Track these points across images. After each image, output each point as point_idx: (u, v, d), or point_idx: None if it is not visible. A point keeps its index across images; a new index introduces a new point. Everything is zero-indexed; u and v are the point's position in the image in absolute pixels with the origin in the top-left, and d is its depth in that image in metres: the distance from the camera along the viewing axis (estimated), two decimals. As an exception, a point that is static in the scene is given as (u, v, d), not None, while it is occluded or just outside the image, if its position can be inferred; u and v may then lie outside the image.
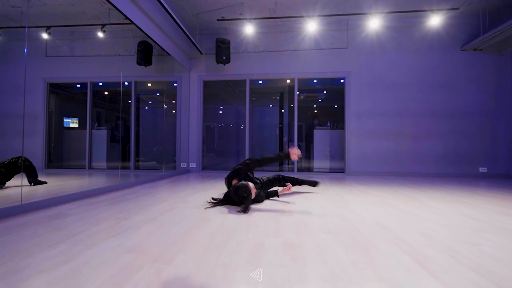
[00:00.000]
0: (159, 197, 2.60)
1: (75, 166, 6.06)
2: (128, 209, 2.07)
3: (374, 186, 3.60)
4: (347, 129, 5.20)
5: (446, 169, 4.94)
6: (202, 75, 5.54)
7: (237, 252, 1.21)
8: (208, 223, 1.68)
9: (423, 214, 1.99)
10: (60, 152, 6.23)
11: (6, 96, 5.30)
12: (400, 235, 1.47)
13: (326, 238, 1.41)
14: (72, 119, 6.23)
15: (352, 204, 2.36)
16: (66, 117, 6.16)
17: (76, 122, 6.26)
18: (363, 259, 1.15)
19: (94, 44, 5.76)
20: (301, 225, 1.66)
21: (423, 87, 5.03)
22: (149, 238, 1.39)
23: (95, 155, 6.27)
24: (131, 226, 1.61)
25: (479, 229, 1.61)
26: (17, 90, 5.83)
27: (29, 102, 5.64)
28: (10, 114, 5.11)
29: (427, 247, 1.30)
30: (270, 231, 1.54)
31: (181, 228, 1.57)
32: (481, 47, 4.87)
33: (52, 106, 6.05)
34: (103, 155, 6.35)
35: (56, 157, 6.14)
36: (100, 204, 2.26)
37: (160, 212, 1.96)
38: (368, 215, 1.93)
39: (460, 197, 2.73)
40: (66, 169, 6.02)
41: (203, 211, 2.03)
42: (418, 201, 2.51)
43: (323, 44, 5.22)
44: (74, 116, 6.27)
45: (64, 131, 6.14)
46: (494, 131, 4.88)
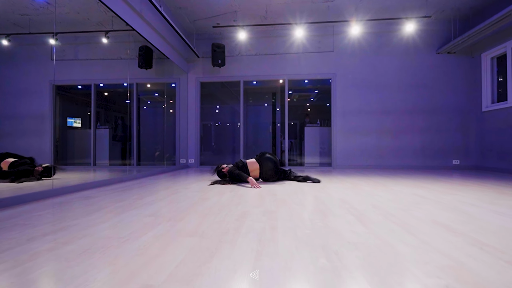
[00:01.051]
0: (164, 185, 3.03)
1: (79, 163, 6.45)
2: (140, 193, 2.50)
3: (354, 176, 4.06)
4: (334, 126, 5.66)
5: (423, 162, 5.42)
6: (199, 77, 5.96)
7: (229, 216, 1.65)
8: (207, 201, 2.12)
9: (382, 194, 2.44)
10: (64, 151, 6.62)
11: (17, 98, 5.69)
12: (354, 206, 1.92)
13: (296, 208, 1.86)
14: (75, 119, 6.60)
15: (328, 188, 2.81)
16: (70, 117, 6.53)
17: (79, 122, 6.64)
18: (319, 218, 1.59)
19: (98, 49, 6.14)
20: (280, 201, 2.11)
21: (402, 87, 5.50)
22: (162, 209, 1.82)
23: (98, 153, 6.66)
24: (146, 203, 2.04)
25: (419, 202, 2.07)
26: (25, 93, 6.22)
27: (37, 104, 6.02)
28: (18, 115, 5.52)
29: (370, 212, 1.75)
30: (255, 204, 1.98)
31: (186, 204, 2.00)
32: (454, 51, 5.34)
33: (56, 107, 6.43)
34: (105, 153, 6.74)
35: (61, 155, 6.53)
36: (115, 190, 2.69)
37: (167, 194, 2.39)
38: (337, 195, 2.38)
39: (421, 183, 3.20)
40: (72, 166, 6.41)
41: (203, 193, 2.46)
42: (384, 186, 2.97)
43: (311, 48, 5.66)
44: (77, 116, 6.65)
45: (68, 130, 6.52)
46: (466, 127, 5.37)
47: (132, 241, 1.21)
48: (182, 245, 1.16)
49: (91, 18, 5.44)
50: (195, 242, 1.19)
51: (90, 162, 6.14)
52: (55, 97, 6.32)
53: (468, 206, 1.92)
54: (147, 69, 5.65)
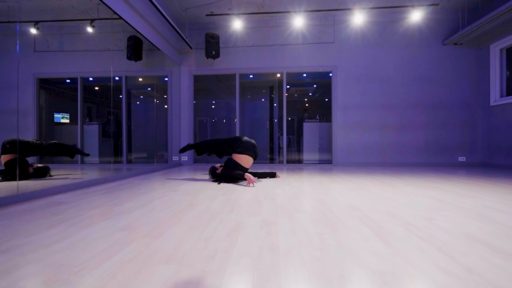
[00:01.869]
0: (150, 187, 2.73)
1: (67, 161, 6.10)
2: (121, 197, 2.20)
3: (357, 175, 3.79)
4: (334, 121, 5.38)
5: (428, 159, 5.17)
6: (193, 69, 5.63)
7: (219, 229, 1.36)
8: (196, 208, 1.83)
9: (394, 197, 2.17)
10: (51, 148, 6.23)
11: (-4, 92, 5.31)
12: (367, 214, 1.65)
13: (300, 217, 1.57)
14: (63, 115, 6.24)
15: (332, 190, 2.53)
16: (57, 112, 6.17)
17: (67, 118, 6.27)
18: (329, 232, 1.31)
19: (84, 39, 5.77)
20: (280, 208, 1.82)
21: (406, 80, 5.22)
22: (140, 220, 1.53)
23: (86, 150, 6.32)
24: (123, 210, 1.74)
25: (439, 208, 1.80)
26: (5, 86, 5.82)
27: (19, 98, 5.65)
28: (0, 110, 5.14)
29: (388, 222, 1.47)
30: (251, 212, 1.69)
31: (170, 212, 1.71)
32: (461, 42, 5.07)
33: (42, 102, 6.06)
34: (95, 150, 6.40)
35: (48, 153, 6.16)
36: (94, 193, 2.38)
37: (151, 199, 2.10)
38: (344, 199, 2.11)
39: (433, 183, 2.93)
40: (58, 164, 6.07)
41: (192, 197, 2.17)
42: (393, 187, 2.70)
43: (310, 38, 5.35)
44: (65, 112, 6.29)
45: (55, 126, 6.16)
46: (473, 122, 5.12)
47: (87, 271, 0.92)
48: (153, 277, 0.87)
49: (75, 5, 5.07)
50: (171, 272, 0.91)
51: (77, 160, 5.80)
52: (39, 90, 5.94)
53: (497, 213, 1.66)
54: (136, 61, 5.31)
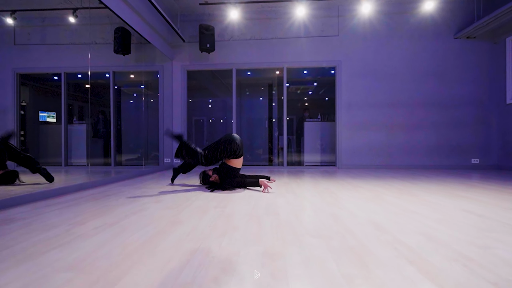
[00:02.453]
0: (131, 195, 2.34)
1: (52, 163, 5.67)
2: (88, 211, 1.80)
3: (366, 179, 3.42)
4: (338, 121, 5.00)
5: (439, 161, 4.82)
6: (186, 64, 5.23)
7: (204, 268, 0.97)
8: (178, 228, 1.44)
9: (421, 210, 1.79)
10: (36, 149, 5.83)
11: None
12: (399, 237, 1.27)
13: (315, 244, 1.19)
14: (49, 113, 5.81)
15: (343, 200, 2.15)
16: (42, 111, 5.75)
17: (53, 117, 5.83)
18: (358, 272, 0.93)
19: (68, 32, 5.34)
20: (286, 228, 1.44)
21: (415, 76, 4.87)
22: (99, 250, 1.13)
23: (74, 151, 5.89)
24: (83, 233, 1.35)
25: (487, 228, 1.42)
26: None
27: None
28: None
29: (432, 253, 1.09)
30: (249, 236, 1.31)
31: (144, 235, 1.32)
32: (474, 35, 4.72)
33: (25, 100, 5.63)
34: (83, 151, 5.98)
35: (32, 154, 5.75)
36: (60, 205, 1.99)
37: (125, 215, 1.70)
38: (362, 213, 1.73)
39: (456, 190, 2.57)
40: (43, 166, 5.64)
41: (177, 211, 1.78)
42: (413, 196, 2.33)
43: (313, 31, 4.97)
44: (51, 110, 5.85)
45: (40, 126, 5.73)
46: (487, 121, 4.77)
47: None
48: None
49: (56, -6, 4.65)
50: None
51: (61, 162, 5.38)
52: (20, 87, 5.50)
53: None
54: (124, 54, 4.89)
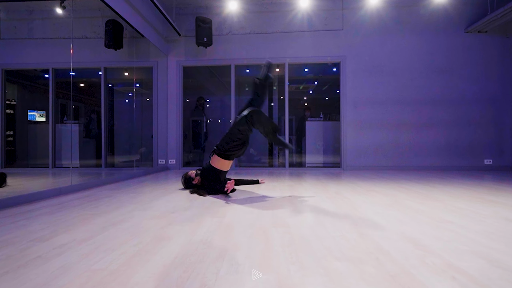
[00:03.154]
0: (115, 203, 2.03)
1: (42, 164, 5.35)
2: (58, 223, 1.49)
3: (377, 182, 3.13)
4: (343, 119, 4.72)
5: (449, 162, 4.55)
6: (181, 60, 4.93)
7: None
8: (165, 245, 1.14)
9: (458, 221, 1.51)
10: (24, 149, 5.50)
11: None
12: (452, 261, 0.97)
13: (344, 273, 0.89)
14: (38, 112, 5.49)
15: (360, 207, 1.86)
16: (31, 110, 5.43)
17: (43, 116, 5.51)
18: (420, 324, 0.63)
19: (56, 25, 5.03)
20: (301, 245, 1.14)
21: (424, 72, 4.60)
22: (52, 283, 0.83)
23: (64, 152, 5.56)
24: (40, 255, 1.04)
25: (552, 245, 1.14)
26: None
27: (-21, 92, 4.90)
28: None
29: (502, 283, 0.80)
30: (254, 258, 1.01)
31: (120, 256, 1.02)
32: (486, 29, 4.47)
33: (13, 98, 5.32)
34: (74, 152, 5.67)
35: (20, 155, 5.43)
36: (28, 214, 1.68)
37: (103, 226, 1.40)
38: (390, 225, 1.43)
39: (484, 195, 2.29)
40: (32, 168, 5.33)
41: (166, 222, 1.48)
42: (438, 201, 2.04)
43: (315, 25, 4.70)
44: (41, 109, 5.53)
45: (29, 125, 5.41)
46: (499, 120, 4.52)
47: None
48: None
49: (43, -16, 4.35)
50: None
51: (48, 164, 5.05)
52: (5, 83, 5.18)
53: None
54: (116, 49, 4.59)
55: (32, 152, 5.53)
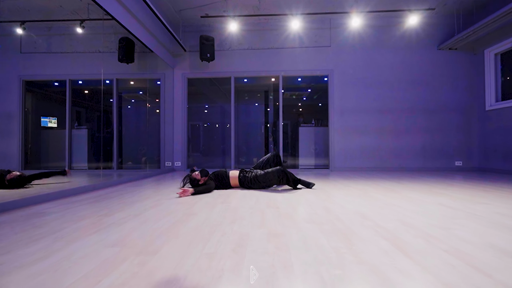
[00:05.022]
0: (143, 195, 2.57)
1: (54, 167, 5.84)
2: (111, 206, 2.03)
3: (356, 180, 3.70)
4: (331, 126, 5.31)
5: (425, 163, 5.14)
6: (186, 72, 5.49)
7: (222, 243, 1.22)
8: (194, 218, 1.68)
9: (402, 204, 2.07)
10: (38, 153, 6.00)
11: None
12: (380, 223, 1.53)
13: (310, 228, 1.45)
14: (50, 119, 5.99)
15: (335, 197, 2.42)
16: (44, 116, 5.93)
17: (54, 122, 6.02)
18: (344, 245, 1.19)
19: (73, 40, 5.57)
20: (286, 217, 1.69)
21: (402, 84, 5.21)
22: (133, 233, 1.37)
23: (75, 155, 6.07)
24: (114, 222, 1.58)
25: (453, 216, 1.70)
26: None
27: (3, 101, 5.40)
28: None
29: (404, 233, 1.36)
30: (255, 223, 1.56)
31: (166, 223, 1.56)
32: (456, 47, 5.10)
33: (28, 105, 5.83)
34: (83, 155, 6.16)
35: (34, 158, 5.91)
36: (82, 202, 2.21)
37: (144, 209, 1.94)
38: (350, 206, 1.99)
39: (436, 189, 2.86)
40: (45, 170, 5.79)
41: (189, 206, 2.02)
42: (397, 193, 2.61)
43: (307, 42, 5.29)
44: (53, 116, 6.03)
45: (42, 131, 5.91)
46: (469, 126, 5.13)
47: (71, 301, 0.77)
48: (151, 308, 0.73)
49: (64, 5, 4.88)
50: (172, 300, 0.76)
51: (65, 166, 5.54)
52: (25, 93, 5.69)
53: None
54: (128, 63, 5.14)
55: (44, 156, 6.02)
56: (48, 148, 6.12)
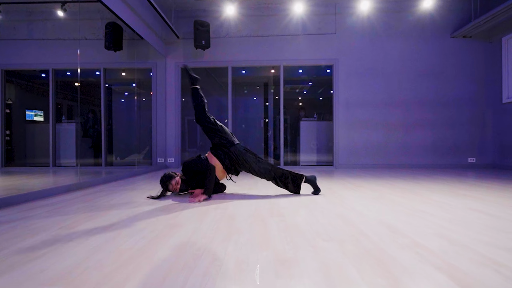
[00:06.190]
0: (124, 197, 2.20)
1: (40, 163, 5.44)
2: (79, 214, 1.67)
3: (366, 179, 3.36)
4: (336, 119, 4.94)
5: (436, 160, 4.81)
6: (180, 62, 5.09)
7: (211, 277, 0.86)
8: (176, 233, 1.32)
9: (429, 210, 1.72)
10: (23, 148, 5.59)
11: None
12: (418, 240, 1.18)
13: (328, 248, 1.09)
14: (36, 112, 5.58)
15: (348, 200, 2.07)
16: (29, 109, 5.52)
17: (41, 115, 5.60)
18: (385, 282, 0.83)
19: (56, 26, 5.13)
20: (294, 230, 1.34)
21: (412, 75, 4.85)
22: (91, 259, 1.01)
23: (63, 151, 5.67)
24: (72, 239, 1.22)
25: (501, 228, 1.36)
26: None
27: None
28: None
29: (457, 257, 1.01)
30: (256, 239, 1.20)
31: (141, 240, 1.20)
32: (470, 34, 4.73)
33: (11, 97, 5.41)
34: (72, 151, 5.76)
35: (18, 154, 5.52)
36: (45, 209, 1.84)
37: (119, 217, 1.58)
38: (371, 214, 1.64)
39: (459, 189, 2.52)
40: (30, 167, 5.41)
41: (174, 213, 1.66)
42: (417, 194, 2.27)
43: (310, 29, 4.90)
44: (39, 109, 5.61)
45: (27, 125, 5.49)
46: (482, 120, 4.79)
47: None
48: None
49: (44, -14, 4.45)
50: None
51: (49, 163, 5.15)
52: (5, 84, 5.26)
53: None
54: (115, 51, 4.73)
55: (30, 151, 5.62)
56: (34, 143, 5.71)
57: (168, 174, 2.20)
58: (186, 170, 2.23)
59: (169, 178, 2.17)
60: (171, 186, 2.15)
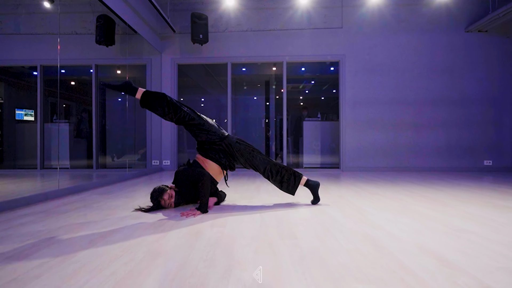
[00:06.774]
0: (105, 208, 1.89)
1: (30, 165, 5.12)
2: (43, 233, 1.35)
3: (379, 184, 3.04)
4: (342, 119, 4.63)
5: (449, 163, 4.50)
6: (177, 57, 4.77)
7: None
8: (160, 263, 1.01)
9: (476, 229, 1.41)
10: (12, 149, 5.28)
11: None
12: (485, 281, 0.87)
13: (367, 297, 0.78)
14: (26, 111, 5.27)
15: (368, 213, 1.76)
16: (19, 108, 5.21)
17: (31, 115, 5.28)
18: None
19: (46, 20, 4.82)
20: (314, 262, 1.02)
21: (424, 72, 4.54)
22: (25, 317, 0.69)
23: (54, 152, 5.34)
24: (14, 278, 0.90)
25: None
26: None
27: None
28: None
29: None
30: (264, 279, 0.89)
31: (109, 278, 0.89)
32: (486, 28, 4.42)
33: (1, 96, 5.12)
34: (65, 152, 5.45)
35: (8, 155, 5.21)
36: (9, 223, 1.52)
37: (90, 240, 1.26)
38: (404, 234, 1.33)
39: (494, 199, 2.20)
40: (19, 170, 5.10)
41: (159, 235, 1.34)
42: (448, 206, 1.95)
43: (315, 23, 4.59)
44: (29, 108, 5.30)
45: (16, 124, 5.18)
46: (499, 120, 4.48)
47: None
48: None
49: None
50: None
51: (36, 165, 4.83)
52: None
53: None
54: (107, 45, 4.41)
55: (20, 152, 5.31)
56: (24, 144, 5.39)
57: (159, 188, 1.83)
58: (178, 183, 1.89)
59: (160, 193, 1.79)
60: (164, 202, 1.81)
